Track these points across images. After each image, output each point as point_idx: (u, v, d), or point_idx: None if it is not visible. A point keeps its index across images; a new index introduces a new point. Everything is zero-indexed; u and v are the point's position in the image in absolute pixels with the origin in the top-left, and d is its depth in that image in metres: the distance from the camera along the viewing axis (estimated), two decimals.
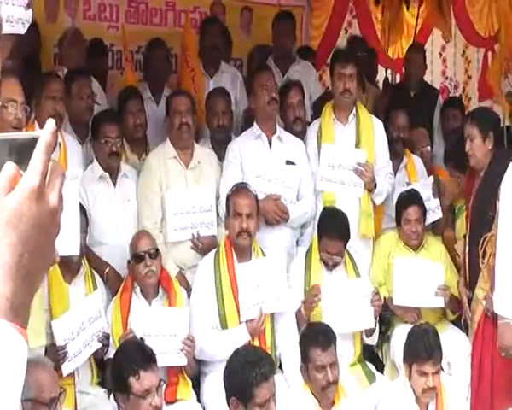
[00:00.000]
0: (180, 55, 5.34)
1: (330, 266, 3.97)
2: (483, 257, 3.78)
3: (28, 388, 2.71)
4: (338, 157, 4.22)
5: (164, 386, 3.12)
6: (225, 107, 4.48)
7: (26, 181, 0.84)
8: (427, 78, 6.52)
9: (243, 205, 3.73)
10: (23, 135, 0.89)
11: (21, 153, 0.87)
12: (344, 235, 3.97)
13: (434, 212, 4.52)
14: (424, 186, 4.55)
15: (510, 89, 5.94)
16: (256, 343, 3.62)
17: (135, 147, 4.43)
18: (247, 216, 3.70)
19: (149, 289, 3.72)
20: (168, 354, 3.48)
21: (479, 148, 4.03)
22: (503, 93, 5.76)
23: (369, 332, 3.97)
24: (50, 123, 0.87)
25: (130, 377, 2.83)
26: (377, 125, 4.44)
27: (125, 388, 2.85)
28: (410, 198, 4.31)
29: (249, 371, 2.65)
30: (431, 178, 4.61)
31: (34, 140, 0.86)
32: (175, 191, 4.04)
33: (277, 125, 4.34)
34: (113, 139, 4.01)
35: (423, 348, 3.30)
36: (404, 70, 6.30)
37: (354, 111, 4.36)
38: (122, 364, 2.92)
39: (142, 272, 3.65)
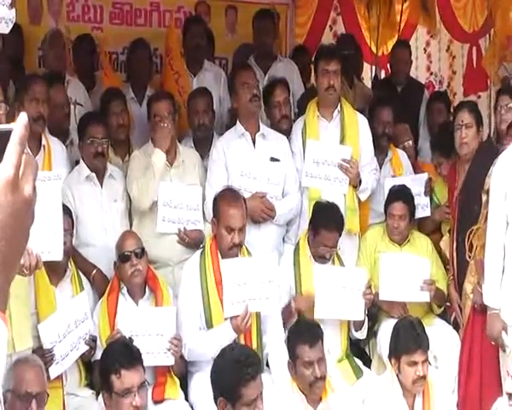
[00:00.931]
0: (164, 57, 5.34)
1: (327, 259, 3.99)
2: (470, 250, 3.80)
3: (9, 379, 2.73)
4: (323, 153, 4.23)
5: (149, 388, 3.12)
6: (206, 106, 4.49)
7: (1, 173, 0.88)
8: (412, 73, 6.54)
9: (236, 219, 3.66)
10: None
11: None
12: (340, 226, 4.00)
13: (423, 209, 4.54)
14: (416, 181, 4.57)
15: (506, 74, 5.99)
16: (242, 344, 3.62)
17: (118, 149, 4.43)
18: (239, 230, 3.67)
19: (136, 289, 3.71)
20: (155, 354, 3.48)
21: (474, 137, 4.10)
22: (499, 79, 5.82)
23: (358, 326, 3.99)
24: (23, 116, 0.90)
25: (111, 375, 2.85)
26: (362, 121, 4.45)
27: (108, 386, 2.87)
28: (398, 194, 4.33)
29: (236, 371, 2.64)
30: (425, 175, 4.63)
31: (8, 133, 0.89)
32: (168, 183, 4.04)
33: (260, 123, 4.33)
34: (99, 140, 4.00)
35: (411, 339, 3.33)
36: (390, 66, 6.32)
37: (339, 107, 4.37)
38: (106, 362, 2.95)
39: (128, 271, 3.65)
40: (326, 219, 3.95)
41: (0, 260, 0.89)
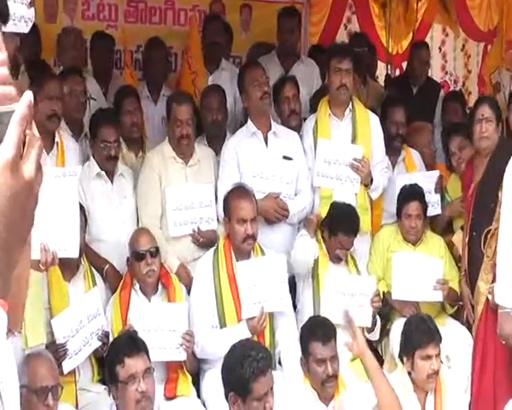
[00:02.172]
0: (183, 56, 5.35)
1: (342, 260, 3.99)
2: (487, 251, 3.78)
3: (23, 375, 2.75)
4: (334, 153, 4.21)
5: (161, 384, 3.12)
6: (219, 103, 4.47)
7: (0, 154, 0.84)
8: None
9: (248, 210, 3.69)
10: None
11: None
12: (357, 229, 4.01)
13: (434, 207, 4.51)
14: (427, 178, 4.54)
15: (498, 80, 5.94)
16: None
17: (131, 145, 4.44)
18: (251, 221, 3.68)
19: (149, 287, 3.72)
20: (167, 349, 3.50)
21: (494, 131, 4.07)
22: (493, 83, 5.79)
23: (370, 328, 3.98)
24: (27, 95, 0.86)
25: (116, 365, 2.87)
26: (373, 119, 4.42)
27: (114, 378, 2.88)
28: (413, 193, 4.30)
29: (246, 365, 2.64)
30: (436, 172, 4.60)
31: (11, 114, 0.86)
32: (175, 187, 4.04)
33: (272, 121, 4.31)
34: (111, 143, 4.01)
35: (424, 333, 3.32)
36: (408, 66, 6.27)
37: (350, 106, 4.34)
38: (111, 356, 2.97)
39: (142, 270, 3.66)
40: (344, 223, 3.95)
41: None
